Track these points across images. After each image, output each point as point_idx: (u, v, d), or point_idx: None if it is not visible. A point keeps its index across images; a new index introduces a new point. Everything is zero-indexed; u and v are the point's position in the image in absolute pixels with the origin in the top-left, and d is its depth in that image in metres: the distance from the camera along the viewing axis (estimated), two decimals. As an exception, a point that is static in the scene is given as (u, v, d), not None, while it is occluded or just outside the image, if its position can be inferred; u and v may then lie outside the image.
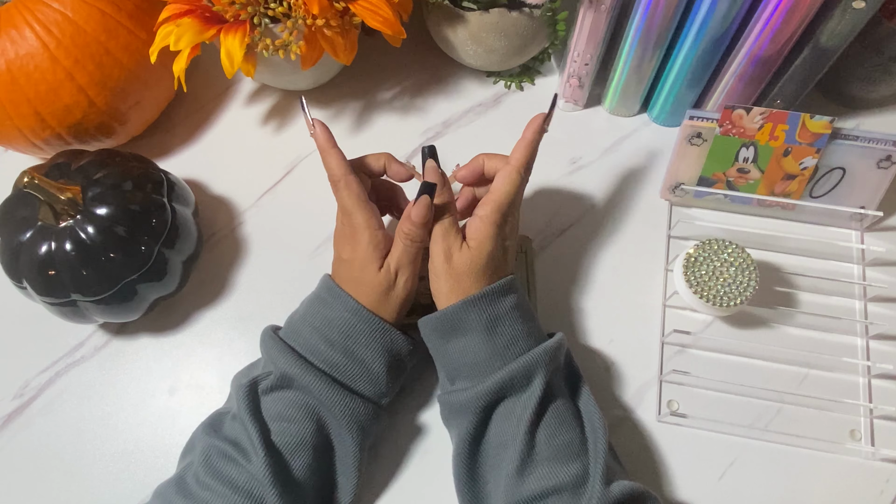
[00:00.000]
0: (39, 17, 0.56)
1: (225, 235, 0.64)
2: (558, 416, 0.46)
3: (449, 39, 0.65)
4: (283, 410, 0.47)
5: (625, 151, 0.67)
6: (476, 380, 0.47)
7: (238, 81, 0.72)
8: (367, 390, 0.48)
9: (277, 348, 0.48)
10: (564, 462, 0.45)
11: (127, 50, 0.59)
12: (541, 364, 0.46)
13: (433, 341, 0.50)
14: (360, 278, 0.49)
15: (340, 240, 0.51)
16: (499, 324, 0.47)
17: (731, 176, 0.61)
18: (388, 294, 0.49)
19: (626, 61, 0.62)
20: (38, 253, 0.51)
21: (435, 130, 0.69)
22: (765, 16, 0.54)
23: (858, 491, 0.53)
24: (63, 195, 0.50)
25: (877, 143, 0.57)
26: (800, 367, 0.57)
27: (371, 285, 0.49)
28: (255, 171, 0.67)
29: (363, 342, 0.48)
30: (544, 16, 0.62)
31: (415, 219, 0.47)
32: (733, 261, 0.55)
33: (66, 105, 0.58)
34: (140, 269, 0.52)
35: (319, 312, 0.49)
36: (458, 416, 0.48)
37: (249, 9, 0.55)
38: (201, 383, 0.57)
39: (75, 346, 0.59)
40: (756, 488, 0.53)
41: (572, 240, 0.63)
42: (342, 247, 0.51)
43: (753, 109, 0.57)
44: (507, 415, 0.46)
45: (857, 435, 0.54)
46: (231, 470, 0.45)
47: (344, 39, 0.58)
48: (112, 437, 0.55)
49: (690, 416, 0.55)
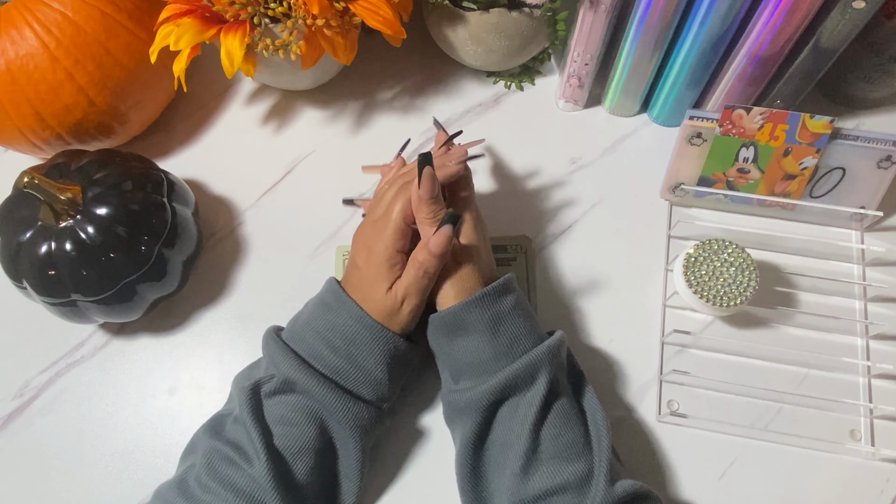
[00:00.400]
0: (39, 17, 0.56)
1: (225, 235, 0.64)
2: (562, 415, 0.46)
3: (449, 39, 0.65)
4: (286, 414, 0.47)
5: (625, 151, 0.67)
6: (480, 379, 0.47)
7: (238, 81, 0.72)
8: (370, 394, 0.48)
9: (280, 352, 0.48)
10: (569, 461, 0.45)
11: (127, 50, 0.59)
12: (544, 362, 0.46)
13: (438, 340, 0.50)
14: (368, 293, 0.48)
15: (360, 244, 0.50)
16: (501, 323, 0.47)
17: (731, 176, 0.61)
18: (392, 317, 0.48)
19: (626, 61, 0.62)
20: (38, 253, 0.51)
21: (435, 130, 0.69)
22: (765, 16, 0.54)
23: (858, 491, 0.53)
24: (63, 195, 0.50)
25: (877, 143, 0.57)
26: (800, 367, 0.57)
27: (377, 303, 0.48)
28: (255, 171, 0.67)
29: (366, 349, 0.48)
30: (544, 16, 0.62)
31: (433, 249, 0.46)
32: (733, 261, 0.55)
33: (66, 105, 0.58)
34: (140, 269, 0.52)
35: (324, 317, 0.49)
36: (461, 415, 0.48)
37: (249, 9, 0.55)
38: (201, 383, 0.57)
39: (75, 346, 0.59)
40: (756, 488, 0.53)
41: (572, 240, 0.63)
42: (359, 252, 0.50)
43: (753, 109, 0.57)
44: (512, 413, 0.46)
45: (857, 435, 0.54)
46: (233, 473, 0.45)
47: (344, 39, 0.58)
48: (112, 437, 0.55)
49: (690, 416, 0.55)
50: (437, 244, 0.46)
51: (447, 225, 0.46)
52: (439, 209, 0.47)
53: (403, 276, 0.48)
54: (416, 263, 0.47)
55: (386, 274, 0.48)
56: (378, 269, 0.48)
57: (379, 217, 0.50)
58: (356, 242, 0.51)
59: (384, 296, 0.48)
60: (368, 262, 0.49)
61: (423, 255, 0.47)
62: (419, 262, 0.47)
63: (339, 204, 0.64)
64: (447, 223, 0.46)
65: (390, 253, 0.48)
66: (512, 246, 0.61)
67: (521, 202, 0.65)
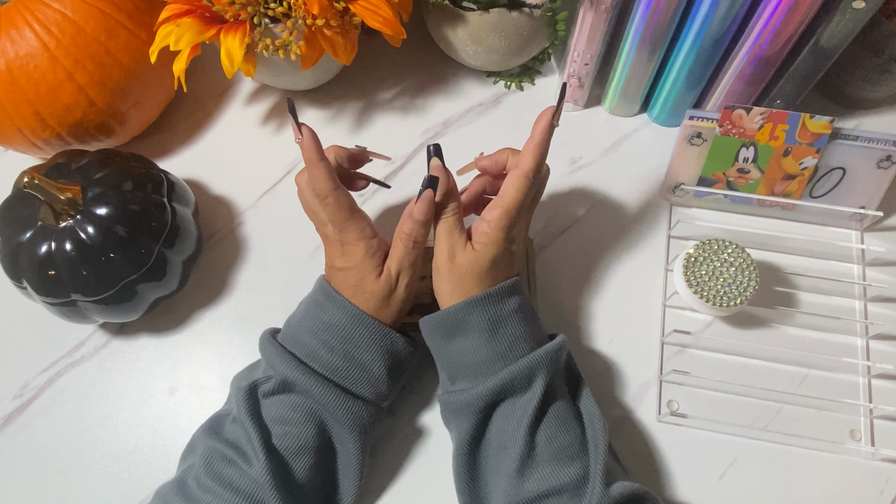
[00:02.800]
0: (39, 17, 0.56)
1: (225, 235, 0.64)
2: (559, 418, 0.46)
3: (449, 39, 0.65)
4: (284, 414, 0.47)
5: (625, 151, 0.67)
6: (477, 380, 0.47)
7: (238, 81, 0.72)
8: (368, 393, 0.48)
9: (277, 354, 0.48)
10: (565, 463, 0.45)
11: (127, 50, 0.59)
12: (542, 366, 0.46)
13: (435, 341, 0.49)
14: (359, 286, 0.48)
15: (332, 250, 0.50)
16: (501, 325, 0.47)
17: (731, 176, 0.61)
18: (389, 298, 0.48)
19: (626, 61, 0.62)
20: (38, 253, 0.51)
21: (435, 130, 0.69)
22: (765, 16, 0.54)
23: (858, 491, 0.53)
24: (63, 195, 0.50)
25: (877, 143, 0.57)
26: (800, 367, 0.57)
27: (371, 293, 0.48)
28: (255, 171, 0.67)
29: (363, 346, 0.48)
30: (544, 16, 0.62)
31: (417, 215, 0.47)
32: (733, 261, 0.55)
33: (66, 105, 0.58)
34: (140, 269, 0.52)
35: (317, 316, 0.49)
36: (458, 416, 0.48)
37: (249, 9, 0.55)
38: (201, 383, 0.57)
39: (75, 346, 0.59)
40: (756, 488, 0.53)
41: (572, 240, 0.63)
42: (335, 257, 0.50)
43: (753, 109, 0.57)
44: (508, 415, 0.46)
45: (857, 435, 0.54)
46: (232, 473, 0.45)
47: (344, 39, 0.58)
48: (112, 437, 0.55)
49: (690, 416, 0.55)
50: (421, 210, 0.47)
51: (427, 190, 0.47)
52: (421, 234, 0.48)
53: (392, 253, 0.48)
54: (402, 237, 0.48)
55: (370, 263, 0.48)
56: (361, 262, 0.48)
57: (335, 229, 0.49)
58: (328, 251, 0.51)
59: (377, 281, 0.48)
60: (349, 262, 0.48)
61: (409, 225, 0.47)
62: (406, 233, 0.47)
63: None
64: (426, 188, 0.47)
65: (366, 243, 0.48)
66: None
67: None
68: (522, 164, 0.48)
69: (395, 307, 0.49)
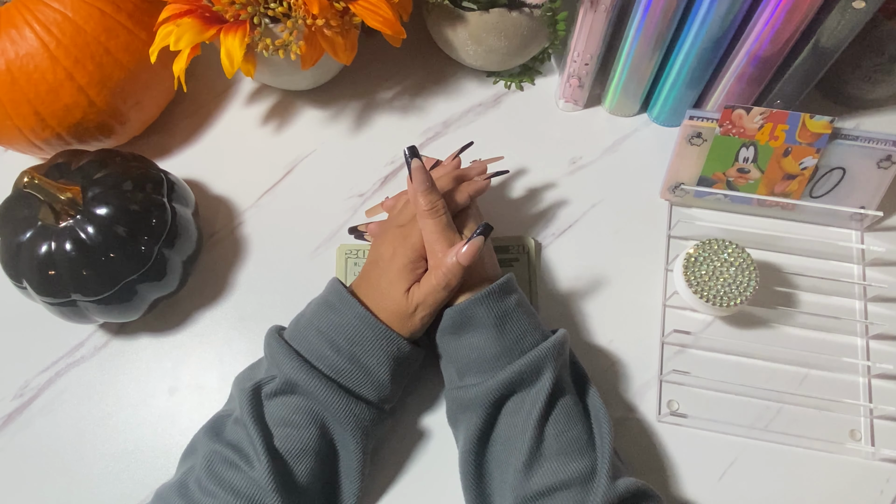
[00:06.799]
0: (39, 17, 0.56)
1: (225, 235, 0.64)
2: (566, 412, 0.46)
3: (449, 39, 0.65)
4: (287, 416, 0.47)
5: (625, 151, 0.67)
6: (486, 375, 0.47)
7: (238, 81, 0.72)
8: (372, 395, 0.48)
9: (282, 352, 0.48)
10: (573, 457, 0.45)
11: (127, 50, 0.59)
12: (549, 358, 0.46)
13: (445, 336, 0.50)
14: (387, 290, 0.49)
15: (385, 244, 0.50)
16: (507, 320, 0.48)
17: (731, 176, 0.61)
18: (403, 320, 0.49)
19: (626, 61, 0.62)
20: (38, 253, 0.51)
21: (435, 130, 0.69)
22: (765, 16, 0.54)
23: (858, 491, 0.53)
24: (63, 195, 0.50)
25: (877, 143, 0.57)
26: (800, 367, 0.57)
27: (392, 301, 0.48)
28: (255, 171, 0.67)
29: (370, 349, 0.48)
30: (544, 16, 0.62)
31: (462, 260, 0.47)
32: (733, 261, 0.55)
33: (66, 105, 0.58)
34: (140, 269, 0.52)
35: (327, 317, 0.49)
36: (467, 411, 0.48)
37: (249, 9, 0.55)
38: (201, 383, 0.57)
39: (75, 346, 0.59)
40: (756, 488, 0.53)
41: (572, 240, 0.63)
42: (383, 250, 0.50)
43: (753, 109, 0.57)
44: (517, 409, 0.47)
45: (857, 435, 0.54)
46: (233, 475, 0.44)
47: (344, 39, 0.58)
48: (112, 437, 0.55)
49: (690, 415, 0.55)
50: (468, 255, 0.47)
51: (479, 236, 0.47)
52: (436, 199, 0.48)
53: (423, 283, 0.48)
54: (438, 273, 0.47)
55: (407, 276, 0.48)
56: (400, 271, 0.49)
57: (406, 222, 0.50)
58: (379, 242, 0.51)
59: (401, 296, 0.48)
60: (391, 262, 0.49)
61: (450, 263, 0.47)
62: (443, 271, 0.47)
63: (339, 204, 0.64)
64: (480, 234, 0.47)
65: (415, 256, 0.49)
66: (514, 246, 0.61)
67: (522, 202, 0.65)
68: None
69: (406, 329, 0.49)
